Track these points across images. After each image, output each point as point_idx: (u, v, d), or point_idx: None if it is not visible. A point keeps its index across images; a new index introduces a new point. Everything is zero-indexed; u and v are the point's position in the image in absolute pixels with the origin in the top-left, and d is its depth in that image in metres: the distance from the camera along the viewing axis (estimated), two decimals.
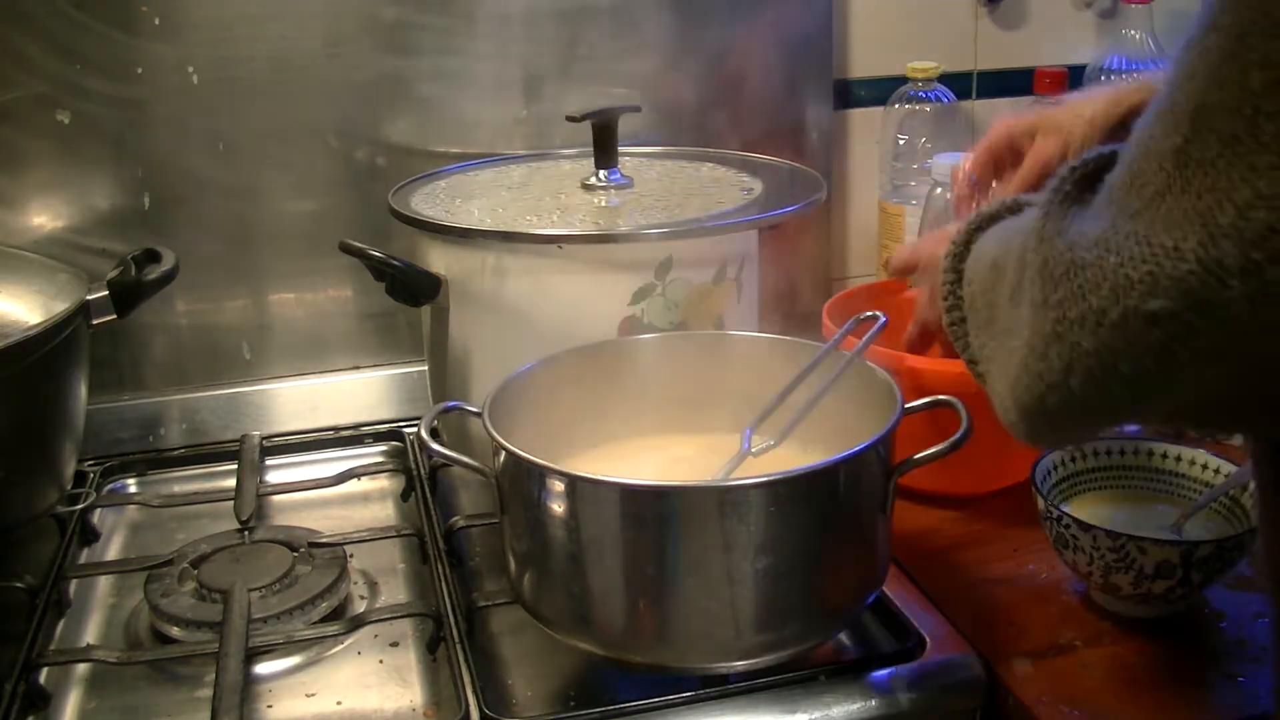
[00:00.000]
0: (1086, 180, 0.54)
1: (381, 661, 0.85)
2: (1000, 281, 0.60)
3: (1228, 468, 0.87)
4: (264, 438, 1.13)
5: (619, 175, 1.01)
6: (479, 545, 0.98)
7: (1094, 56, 1.35)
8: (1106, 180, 0.51)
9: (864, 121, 1.34)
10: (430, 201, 1.01)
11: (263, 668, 0.84)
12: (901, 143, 1.29)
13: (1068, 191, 0.54)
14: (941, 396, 0.82)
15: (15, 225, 1.10)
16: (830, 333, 0.93)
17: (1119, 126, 0.84)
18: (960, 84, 1.34)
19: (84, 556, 1.00)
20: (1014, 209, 0.67)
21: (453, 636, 0.83)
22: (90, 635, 0.90)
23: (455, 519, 0.95)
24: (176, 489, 1.11)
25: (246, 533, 0.97)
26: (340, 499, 1.07)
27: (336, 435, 1.17)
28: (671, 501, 0.71)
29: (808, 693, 0.77)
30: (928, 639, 0.82)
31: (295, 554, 0.94)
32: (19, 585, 0.89)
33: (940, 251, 0.86)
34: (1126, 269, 0.47)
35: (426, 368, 1.06)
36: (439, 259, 0.96)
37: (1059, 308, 0.51)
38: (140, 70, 1.10)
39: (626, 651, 0.76)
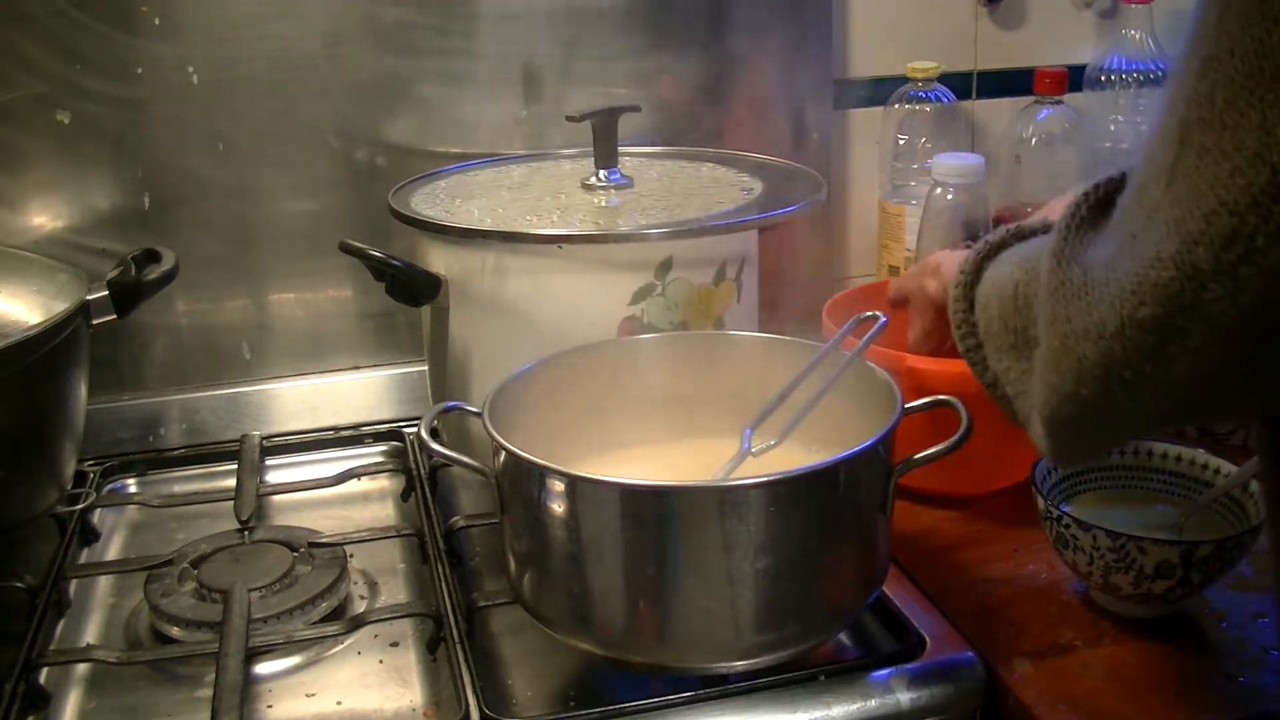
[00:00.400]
0: (1100, 205, 0.56)
1: (381, 661, 0.85)
2: (1027, 306, 0.62)
3: (1228, 468, 0.87)
4: (264, 438, 1.13)
5: (619, 175, 1.01)
6: (479, 545, 0.98)
7: (1094, 56, 1.35)
8: (1118, 203, 0.53)
9: (864, 121, 1.34)
10: (430, 201, 1.01)
11: (263, 668, 0.84)
12: (901, 143, 1.29)
13: (1084, 216, 0.57)
14: (941, 396, 0.82)
15: (15, 225, 1.10)
16: (830, 333, 0.93)
17: None
18: (960, 84, 1.34)
19: (84, 556, 1.00)
20: (1020, 235, 0.69)
21: (453, 636, 0.83)
22: (90, 635, 0.90)
23: (455, 519, 0.95)
24: (176, 489, 1.11)
25: (246, 533, 0.97)
26: (340, 499, 1.07)
27: (336, 435, 1.17)
28: (671, 501, 0.71)
29: (808, 693, 0.77)
30: (928, 639, 0.82)
31: (295, 554, 0.94)
32: (19, 585, 0.89)
33: (928, 284, 0.87)
34: (1123, 282, 0.49)
35: (426, 368, 1.06)
36: (439, 259, 0.96)
37: (1067, 323, 0.53)
38: (140, 70, 1.10)
39: (626, 651, 0.76)
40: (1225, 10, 0.45)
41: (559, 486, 0.73)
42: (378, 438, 1.17)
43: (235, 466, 1.07)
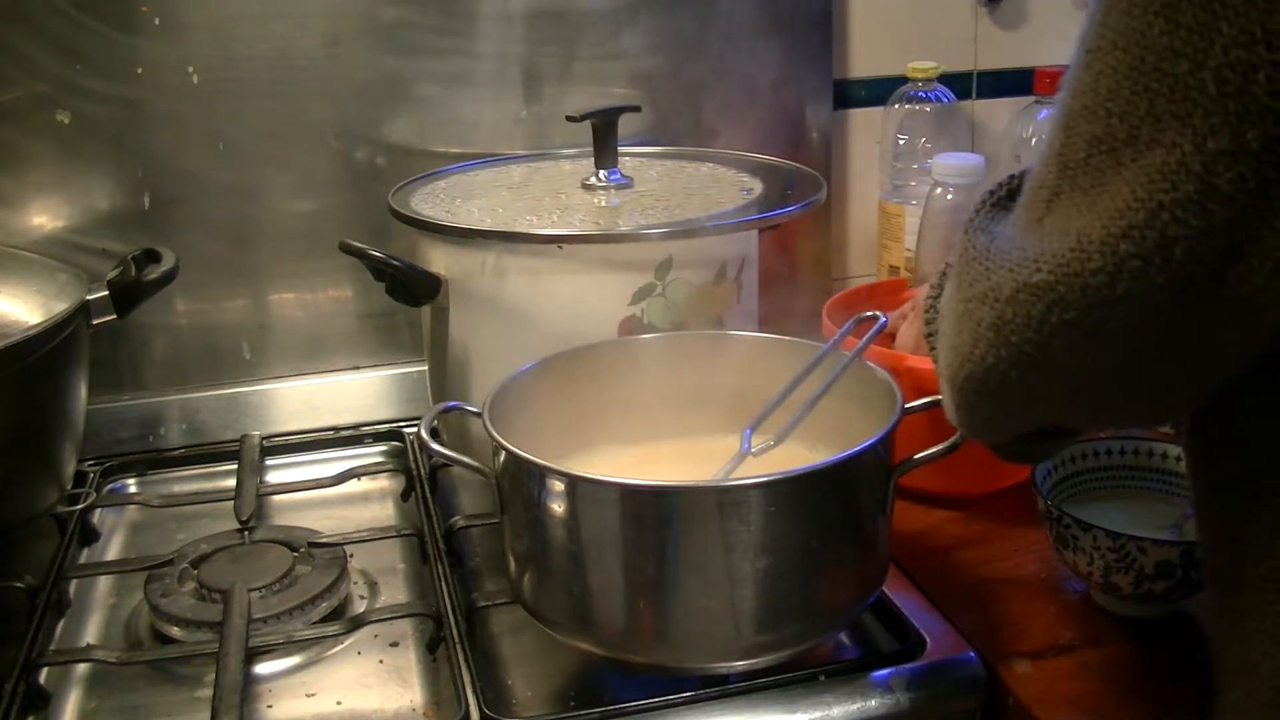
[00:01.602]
0: (1015, 192, 0.59)
1: (381, 661, 0.85)
2: None
3: None
4: (264, 438, 1.13)
5: (619, 175, 1.01)
6: (479, 545, 0.98)
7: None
8: (1023, 188, 0.55)
9: (864, 121, 1.34)
10: (430, 201, 1.01)
11: (263, 668, 0.84)
12: (901, 143, 1.29)
13: (1001, 197, 0.60)
14: (942, 397, 0.82)
15: (15, 225, 1.10)
16: (830, 333, 0.93)
17: None
18: (960, 84, 1.34)
19: (84, 556, 1.00)
20: None
21: (453, 636, 0.83)
22: (90, 635, 0.90)
23: (455, 519, 0.95)
24: (176, 489, 1.11)
25: (246, 533, 0.97)
26: (340, 499, 1.07)
27: (336, 435, 1.17)
28: (671, 501, 0.71)
29: (808, 693, 0.77)
30: (928, 639, 0.82)
31: (295, 554, 0.94)
32: (19, 585, 0.89)
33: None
34: (1026, 253, 0.52)
35: (426, 368, 1.06)
36: (439, 259, 0.96)
37: (969, 287, 0.55)
38: (140, 70, 1.10)
39: (626, 651, 0.76)
40: (1109, 6, 0.47)
41: (559, 486, 0.73)
42: (378, 438, 1.17)
43: (235, 466, 1.07)
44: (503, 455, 0.76)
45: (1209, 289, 0.46)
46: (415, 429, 1.08)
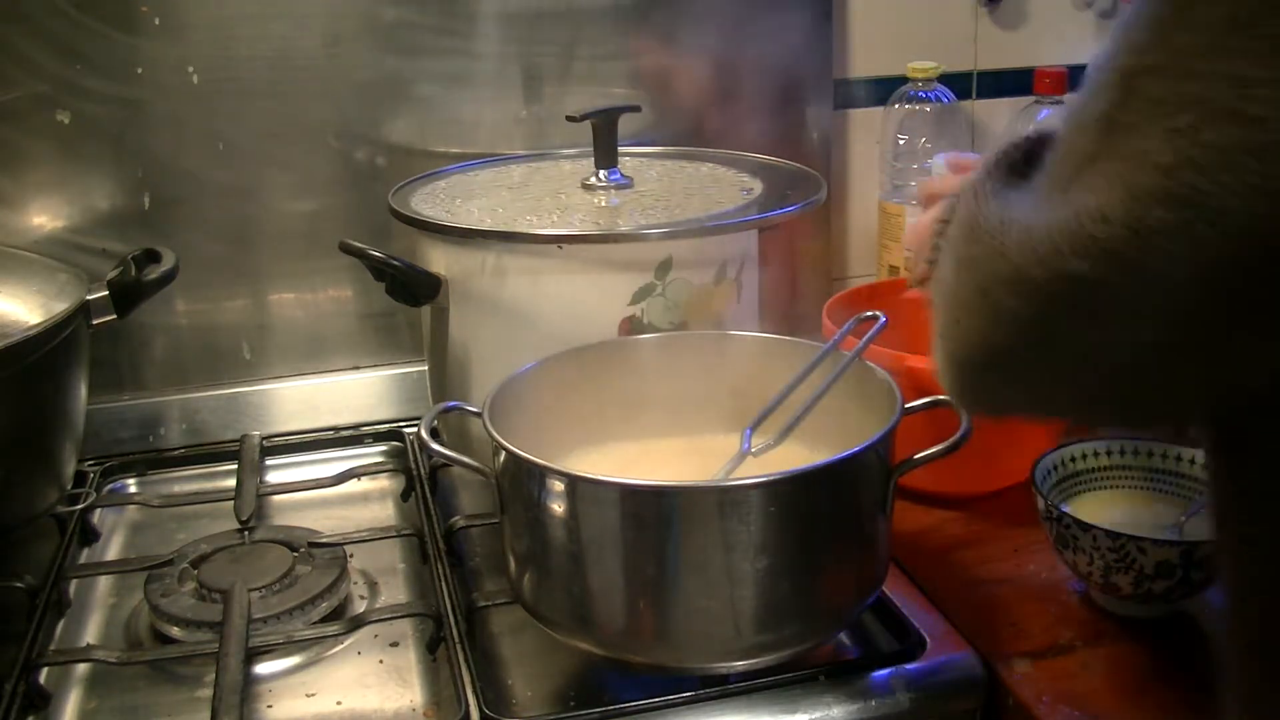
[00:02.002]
0: (1030, 155, 0.54)
1: (381, 661, 0.85)
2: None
3: None
4: (264, 438, 1.13)
5: (619, 175, 1.01)
6: (479, 545, 0.98)
7: (1094, 56, 1.35)
8: (1046, 156, 0.51)
9: (864, 121, 1.34)
10: (430, 201, 1.01)
11: (263, 668, 0.84)
12: (901, 143, 1.29)
13: (1016, 159, 0.55)
14: (941, 397, 0.82)
15: (15, 225, 1.10)
16: (830, 333, 0.93)
17: None
18: (960, 84, 1.34)
19: (84, 556, 1.00)
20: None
21: (453, 636, 0.83)
22: (90, 635, 0.90)
23: (455, 519, 0.95)
24: (176, 489, 1.11)
25: (246, 533, 0.97)
26: (340, 499, 1.07)
27: (336, 435, 1.17)
28: (671, 501, 0.71)
29: (808, 693, 0.77)
30: (928, 639, 0.82)
31: (295, 554, 0.94)
32: (19, 585, 0.89)
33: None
34: (1052, 230, 0.47)
35: (426, 368, 1.06)
36: (439, 259, 0.96)
37: (984, 265, 0.50)
38: (140, 70, 1.10)
39: (626, 651, 0.76)
40: None
41: (559, 486, 0.73)
42: (378, 438, 1.17)
43: (235, 466, 1.07)
44: (503, 455, 0.76)
45: (1263, 271, 0.43)
46: (415, 429, 1.08)
